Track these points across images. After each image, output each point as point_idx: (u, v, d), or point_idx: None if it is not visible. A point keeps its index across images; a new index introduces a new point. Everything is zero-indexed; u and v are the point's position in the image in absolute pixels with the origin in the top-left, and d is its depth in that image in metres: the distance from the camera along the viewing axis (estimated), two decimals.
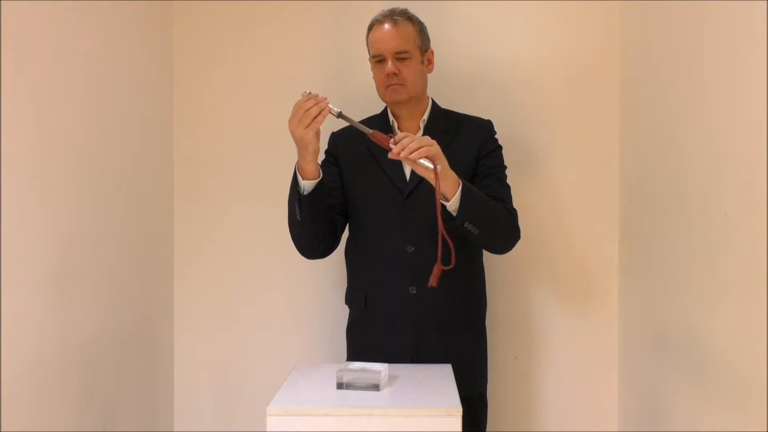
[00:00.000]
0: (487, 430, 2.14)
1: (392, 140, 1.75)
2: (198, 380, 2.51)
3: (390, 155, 1.75)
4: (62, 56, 1.83)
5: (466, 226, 1.83)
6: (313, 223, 1.92)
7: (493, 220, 1.88)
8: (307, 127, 1.76)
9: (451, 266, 1.75)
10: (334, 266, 2.41)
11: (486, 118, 2.13)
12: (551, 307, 2.43)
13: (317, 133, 1.79)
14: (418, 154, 1.73)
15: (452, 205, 1.81)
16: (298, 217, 1.89)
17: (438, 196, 1.75)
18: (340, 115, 1.78)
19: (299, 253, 2.02)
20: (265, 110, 2.48)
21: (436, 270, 1.77)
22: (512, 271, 2.41)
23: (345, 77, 2.43)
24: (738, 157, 1.54)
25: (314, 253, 2.02)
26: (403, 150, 1.72)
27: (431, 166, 1.73)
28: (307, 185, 1.86)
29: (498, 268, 2.36)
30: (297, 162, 1.87)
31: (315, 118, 1.75)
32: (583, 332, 2.42)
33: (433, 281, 1.78)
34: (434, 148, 1.76)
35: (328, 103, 1.76)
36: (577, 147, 2.41)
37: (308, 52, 2.47)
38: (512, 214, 1.97)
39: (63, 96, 1.83)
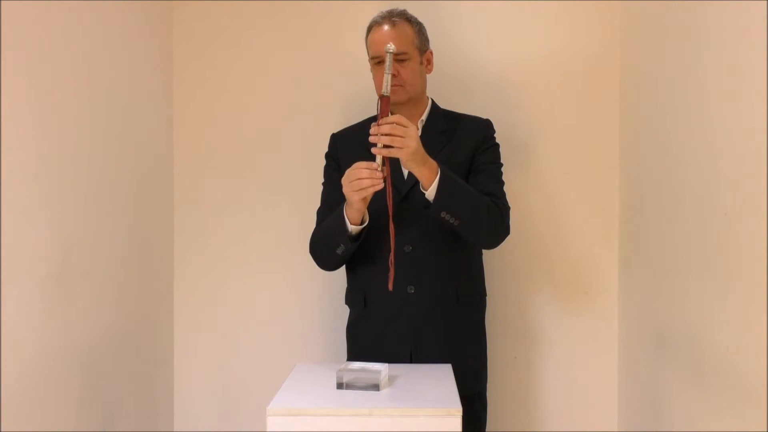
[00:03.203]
0: (487, 430, 2.14)
1: (377, 122, 1.79)
2: (198, 380, 2.51)
3: (371, 131, 1.79)
4: (62, 56, 1.83)
5: (443, 215, 1.84)
6: (348, 256, 1.98)
7: (473, 211, 1.88)
8: (356, 192, 1.81)
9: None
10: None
11: (485, 117, 2.13)
12: (551, 306, 2.43)
13: (365, 199, 1.84)
14: (378, 150, 1.77)
15: (431, 194, 1.83)
16: (338, 251, 1.94)
17: (389, 201, 1.82)
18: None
19: (318, 267, 2.06)
20: (265, 110, 2.48)
21: (391, 275, 1.84)
22: (512, 271, 2.41)
23: (345, 78, 2.43)
24: (738, 157, 1.54)
25: (333, 268, 2.08)
26: (375, 136, 1.78)
27: (381, 182, 1.79)
28: (354, 230, 1.90)
29: (498, 268, 2.36)
30: (345, 204, 1.90)
31: (365, 189, 1.80)
32: (583, 332, 2.42)
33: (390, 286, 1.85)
34: (403, 152, 1.77)
35: (382, 174, 1.79)
36: (577, 147, 2.41)
37: (308, 52, 2.47)
38: (500, 209, 1.97)
39: (63, 96, 1.83)
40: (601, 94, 2.40)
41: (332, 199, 2.02)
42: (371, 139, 1.79)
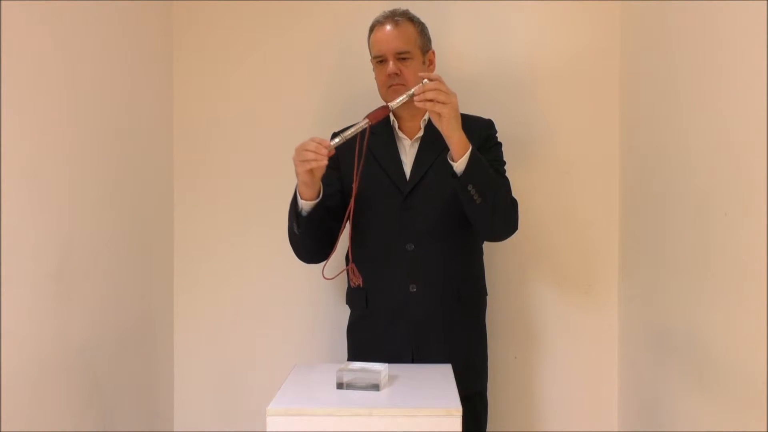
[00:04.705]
0: (487, 430, 2.14)
1: (422, 82, 1.80)
2: (198, 380, 2.51)
3: (416, 90, 1.80)
4: (62, 56, 1.83)
5: (469, 189, 1.83)
6: (310, 237, 1.97)
7: (496, 193, 1.88)
8: (299, 163, 1.84)
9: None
10: (334, 266, 2.41)
11: (487, 117, 2.13)
12: (551, 306, 2.43)
13: (311, 171, 1.85)
14: (428, 104, 1.79)
15: (459, 166, 1.82)
16: (296, 231, 1.95)
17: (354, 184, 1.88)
18: (345, 139, 1.85)
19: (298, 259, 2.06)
20: (265, 110, 2.48)
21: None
22: (513, 271, 2.41)
23: (346, 78, 2.43)
24: (738, 156, 1.54)
25: (311, 261, 2.06)
26: (422, 92, 1.79)
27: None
28: (305, 206, 1.91)
29: (498, 267, 2.36)
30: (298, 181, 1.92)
31: (309, 161, 1.82)
32: (584, 332, 2.42)
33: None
34: (448, 107, 1.78)
35: (326, 152, 1.81)
36: (577, 147, 2.41)
37: (308, 52, 2.47)
38: (512, 202, 1.98)
39: (63, 96, 1.83)
40: (601, 94, 2.40)
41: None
42: (416, 97, 1.79)
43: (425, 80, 1.81)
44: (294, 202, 1.94)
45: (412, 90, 1.83)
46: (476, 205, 1.85)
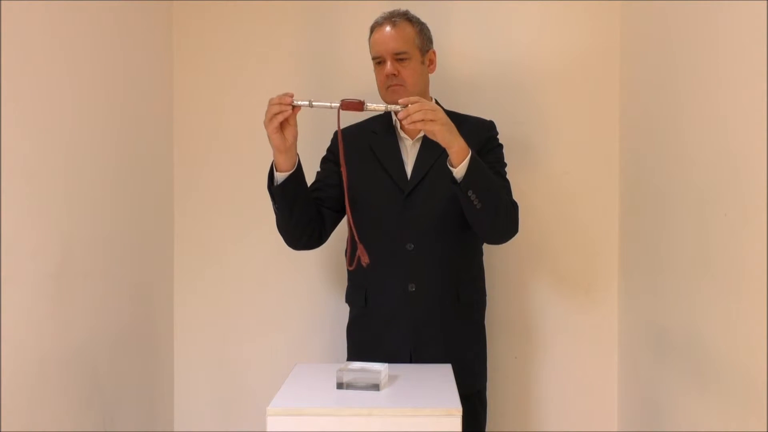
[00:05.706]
0: (487, 429, 2.14)
1: (402, 104, 1.77)
2: (198, 380, 2.51)
3: (399, 116, 1.78)
4: (62, 56, 1.83)
5: (469, 195, 1.82)
6: (290, 214, 1.95)
7: (496, 198, 1.88)
8: (269, 121, 1.81)
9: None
10: (334, 266, 2.41)
11: (487, 118, 2.13)
12: (551, 306, 2.43)
13: (281, 131, 1.82)
14: (418, 124, 1.76)
15: (459, 172, 1.81)
16: (274, 208, 1.94)
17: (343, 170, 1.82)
18: (311, 104, 1.81)
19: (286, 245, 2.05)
20: (264, 110, 2.47)
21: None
22: (512, 271, 2.41)
23: (346, 78, 2.43)
24: (738, 157, 1.54)
25: (298, 244, 2.04)
26: (408, 116, 1.76)
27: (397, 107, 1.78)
28: (279, 177, 1.89)
29: (498, 267, 2.36)
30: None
31: (275, 115, 1.79)
32: (583, 332, 2.42)
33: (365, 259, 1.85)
34: (437, 123, 1.76)
35: (291, 102, 1.79)
36: (577, 147, 2.41)
37: (309, 52, 2.47)
38: (513, 205, 1.98)
39: (63, 96, 1.83)
40: (601, 93, 2.40)
41: (316, 184, 2.06)
42: (404, 121, 1.76)
43: (404, 105, 1.78)
44: (270, 177, 1.92)
45: (394, 107, 1.80)
46: (476, 210, 1.85)
